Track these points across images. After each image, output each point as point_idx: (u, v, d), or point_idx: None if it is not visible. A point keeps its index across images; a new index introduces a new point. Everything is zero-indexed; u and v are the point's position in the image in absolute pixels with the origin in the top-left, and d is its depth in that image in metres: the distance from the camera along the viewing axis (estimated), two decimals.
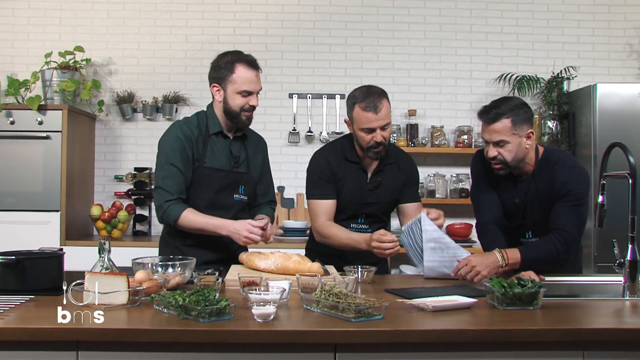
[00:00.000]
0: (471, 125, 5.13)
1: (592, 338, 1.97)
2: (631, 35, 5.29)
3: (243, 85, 2.84)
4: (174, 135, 2.87)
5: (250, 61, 2.87)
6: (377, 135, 2.90)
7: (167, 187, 2.82)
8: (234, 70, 2.84)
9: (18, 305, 2.14)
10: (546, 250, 2.76)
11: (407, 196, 3.12)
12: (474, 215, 3.07)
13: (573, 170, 2.83)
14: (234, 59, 2.86)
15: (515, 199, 2.93)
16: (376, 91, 2.93)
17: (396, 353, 1.93)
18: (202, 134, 2.91)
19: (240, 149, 3.00)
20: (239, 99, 2.85)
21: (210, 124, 2.93)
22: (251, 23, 5.17)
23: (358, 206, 3.05)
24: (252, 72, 2.86)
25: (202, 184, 2.89)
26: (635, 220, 2.47)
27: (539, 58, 5.23)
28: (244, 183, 2.98)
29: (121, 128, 5.10)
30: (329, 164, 3.05)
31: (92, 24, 5.09)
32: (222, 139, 2.95)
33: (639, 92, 4.61)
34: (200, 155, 2.89)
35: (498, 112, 2.78)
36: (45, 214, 4.46)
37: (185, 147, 2.85)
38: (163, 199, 2.83)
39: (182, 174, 2.84)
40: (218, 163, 2.91)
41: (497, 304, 2.21)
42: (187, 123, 2.93)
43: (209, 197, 2.90)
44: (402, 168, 3.11)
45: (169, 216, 2.82)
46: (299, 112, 5.15)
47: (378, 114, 2.87)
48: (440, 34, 5.24)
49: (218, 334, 1.88)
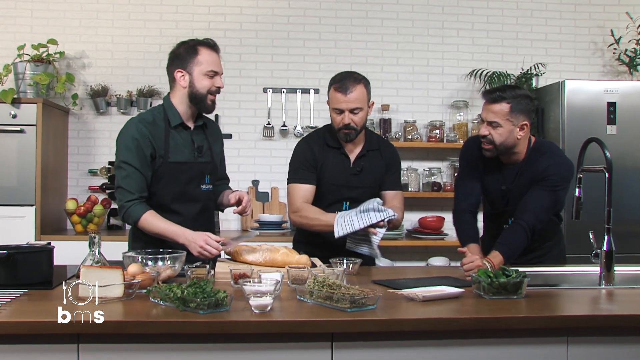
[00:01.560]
0: (443, 120, 5.24)
1: (575, 324, 2.07)
2: (595, 34, 5.45)
3: (209, 65, 2.84)
4: (130, 135, 2.81)
5: (211, 44, 2.90)
6: (345, 117, 3.01)
7: (127, 186, 2.79)
8: (198, 52, 2.85)
9: (13, 299, 2.15)
10: (519, 241, 2.86)
11: (387, 183, 3.20)
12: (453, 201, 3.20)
13: (558, 159, 2.95)
14: (195, 43, 2.88)
15: (502, 186, 3.04)
16: (354, 76, 3.05)
17: (390, 341, 2.00)
18: (160, 129, 2.86)
19: (202, 138, 2.99)
20: (206, 80, 2.84)
21: (170, 117, 2.89)
22: (226, 17, 5.18)
23: (342, 190, 3.12)
24: (215, 54, 2.89)
25: (168, 179, 2.87)
26: (611, 213, 2.58)
27: (508, 54, 5.36)
28: (209, 172, 2.97)
29: (95, 122, 5.05)
30: (311, 151, 3.14)
31: (64, 17, 5.03)
32: (184, 131, 2.92)
33: (604, 89, 4.76)
34: (163, 151, 2.84)
35: (501, 95, 2.89)
36: (19, 209, 4.41)
37: (142, 146, 2.79)
38: (125, 198, 2.79)
39: (141, 174, 2.80)
40: (182, 156, 2.89)
41: (483, 293, 2.29)
42: (142, 121, 2.85)
43: (177, 191, 2.89)
44: (384, 154, 3.20)
45: (129, 216, 2.79)
46: (274, 107, 5.17)
47: (347, 95, 2.98)
48: (412, 30, 5.32)
49: (219, 324, 1.92)
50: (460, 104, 5.24)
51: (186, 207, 2.91)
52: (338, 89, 3.01)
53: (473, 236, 3.03)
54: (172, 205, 2.89)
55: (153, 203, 2.86)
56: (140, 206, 2.78)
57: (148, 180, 2.83)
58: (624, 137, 4.71)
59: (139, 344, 1.93)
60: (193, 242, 2.68)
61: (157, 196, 2.89)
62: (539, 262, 3.08)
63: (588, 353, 2.07)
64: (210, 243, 2.66)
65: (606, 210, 2.60)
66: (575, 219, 2.73)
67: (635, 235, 4.62)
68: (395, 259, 5.07)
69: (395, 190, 3.21)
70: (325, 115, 5.16)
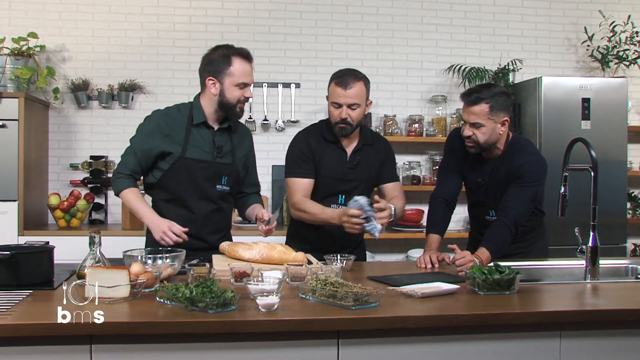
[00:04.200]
0: (422, 114, 5.33)
1: (567, 319, 2.17)
2: (569, 31, 5.59)
3: (241, 77, 2.89)
4: (149, 125, 2.98)
5: (245, 54, 2.94)
6: (342, 111, 3.09)
7: (125, 162, 2.98)
8: (232, 63, 2.89)
9: (20, 301, 2.16)
10: (504, 237, 2.94)
11: (385, 176, 3.29)
12: None
13: (531, 157, 3.04)
14: (230, 52, 2.92)
15: (478, 179, 3.15)
16: (355, 74, 3.15)
17: (394, 338, 2.08)
18: (181, 125, 2.96)
19: (225, 139, 3.04)
20: (237, 91, 2.90)
21: (195, 115, 2.97)
22: (207, 11, 5.18)
23: (338, 183, 3.19)
24: (249, 65, 2.93)
25: (184, 174, 2.94)
26: (596, 210, 2.69)
27: (486, 50, 5.47)
28: (227, 174, 3.03)
29: (76, 116, 5.02)
30: (308, 144, 3.20)
31: (43, 9, 4.97)
32: (206, 130, 2.99)
33: (579, 85, 4.91)
34: (181, 147, 2.93)
35: (479, 96, 2.96)
36: (2, 204, 4.38)
37: (151, 141, 2.93)
38: (118, 170, 3.00)
39: (138, 161, 2.96)
40: (200, 154, 2.96)
41: (477, 289, 2.38)
42: (165, 115, 2.99)
43: (192, 187, 2.96)
44: (378, 149, 3.28)
45: (115, 186, 2.99)
46: (255, 101, 5.19)
47: (347, 91, 3.07)
48: (392, 25, 5.39)
49: (228, 324, 1.97)
50: (439, 99, 5.34)
51: (200, 204, 2.98)
52: (338, 84, 3.09)
53: (439, 226, 3.19)
54: (186, 201, 2.97)
55: (168, 197, 2.98)
56: (127, 181, 2.96)
57: (144, 168, 2.99)
58: (598, 132, 4.86)
59: (151, 344, 1.97)
60: (156, 227, 2.83)
61: (172, 190, 2.98)
62: (523, 253, 3.19)
63: (579, 346, 2.18)
64: (173, 230, 2.80)
65: (591, 207, 2.71)
66: (561, 215, 2.83)
67: (607, 227, 4.77)
68: (374, 251, 5.15)
69: (394, 182, 3.32)
70: (306, 109, 5.25)
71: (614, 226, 4.87)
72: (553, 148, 4.67)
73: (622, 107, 4.97)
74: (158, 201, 3.03)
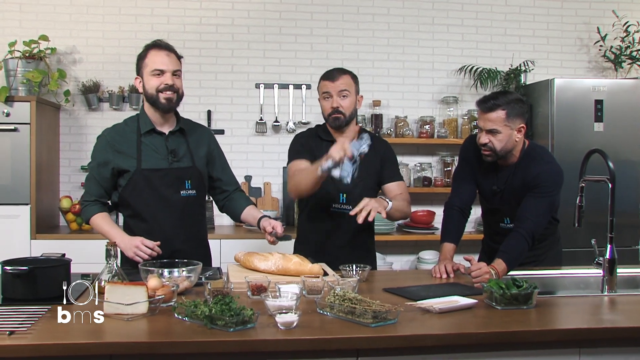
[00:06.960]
0: (433, 115, 5.31)
1: (587, 337, 2.16)
2: (581, 30, 5.54)
3: (154, 64, 2.87)
4: (98, 146, 2.98)
5: (160, 44, 2.93)
6: (333, 100, 3.12)
7: (88, 188, 3.00)
8: (147, 56, 2.91)
9: (40, 318, 2.16)
10: (520, 248, 2.92)
11: (387, 176, 3.27)
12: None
13: (547, 166, 3.03)
14: (147, 47, 2.94)
15: (493, 186, 3.13)
16: (341, 68, 3.24)
17: (412, 356, 2.07)
18: (130, 138, 2.94)
19: (179, 142, 2.99)
20: (153, 79, 2.87)
21: (142, 124, 2.95)
22: (217, 12, 5.16)
23: (337, 181, 3.13)
24: (162, 52, 2.90)
25: (143, 186, 2.90)
26: (614, 222, 2.67)
27: (497, 50, 5.43)
28: (189, 177, 2.98)
29: (87, 118, 5.02)
30: (308, 143, 3.24)
31: (54, 11, 4.96)
32: (157, 136, 2.95)
33: (592, 86, 4.87)
34: (135, 160, 2.90)
35: (495, 103, 2.95)
36: (14, 207, 4.39)
37: (104, 159, 2.92)
38: (84, 198, 3.02)
39: (99, 184, 2.96)
40: (155, 163, 2.92)
41: (495, 303, 2.37)
42: (112, 131, 2.99)
43: (153, 198, 2.91)
44: (377, 149, 3.23)
45: (83, 214, 3.02)
46: (266, 102, 5.19)
47: (334, 82, 3.13)
48: (403, 26, 5.36)
49: (248, 343, 1.97)
50: (450, 100, 5.31)
51: (164, 214, 2.94)
52: (326, 78, 3.17)
53: (453, 235, 3.17)
54: (149, 214, 2.93)
55: (131, 213, 2.96)
56: (93, 207, 2.97)
57: (108, 189, 2.98)
58: (611, 134, 4.83)
59: None
60: (127, 245, 2.83)
61: (134, 205, 2.94)
62: (537, 261, 3.18)
63: None
64: (145, 244, 2.80)
65: (609, 220, 2.69)
66: (578, 226, 2.82)
67: (618, 228, 4.72)
68: (386, 252, 5.16)
69: (396, 181, 3.28)
70: (317, 110, 5.21)
71: (625, 228, 4.84)
72: (565, 151, 4.65)
73: (635, 109, 4.93)
74: (126, 218, 3.03)
